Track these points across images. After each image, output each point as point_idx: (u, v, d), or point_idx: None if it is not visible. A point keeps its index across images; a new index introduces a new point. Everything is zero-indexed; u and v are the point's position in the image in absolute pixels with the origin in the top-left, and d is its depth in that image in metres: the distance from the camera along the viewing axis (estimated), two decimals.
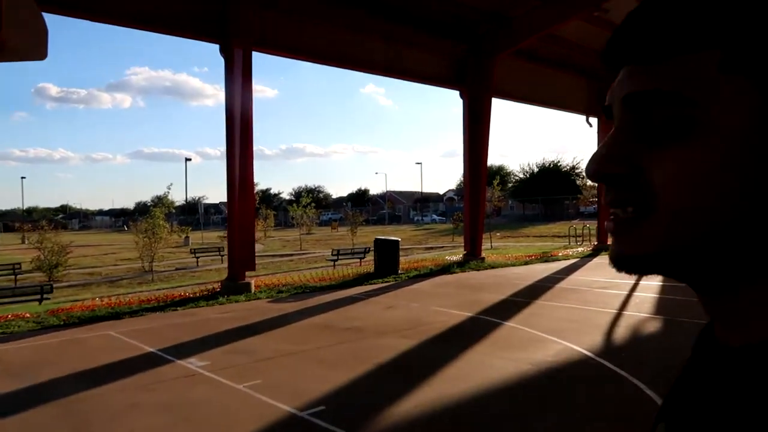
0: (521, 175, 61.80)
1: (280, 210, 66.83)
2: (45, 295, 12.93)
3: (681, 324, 8.35)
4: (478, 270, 15.68)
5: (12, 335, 8.51)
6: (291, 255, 28.95)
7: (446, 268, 15.68)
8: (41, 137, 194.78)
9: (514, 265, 16.85)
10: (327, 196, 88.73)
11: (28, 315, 10.01)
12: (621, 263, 0.50)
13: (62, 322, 9.29)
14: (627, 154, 0.46)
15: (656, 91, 0.44)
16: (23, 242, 44.27)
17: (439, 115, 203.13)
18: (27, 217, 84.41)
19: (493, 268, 16.16)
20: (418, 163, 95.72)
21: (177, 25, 11.72)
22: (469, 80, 16.94)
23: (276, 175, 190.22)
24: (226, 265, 24.08)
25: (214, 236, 44.21)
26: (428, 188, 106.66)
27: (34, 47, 6.81)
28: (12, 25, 6.59)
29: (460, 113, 17.44)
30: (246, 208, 12.05)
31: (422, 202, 78.20)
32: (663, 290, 11.66)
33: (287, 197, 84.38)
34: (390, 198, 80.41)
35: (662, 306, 10.02)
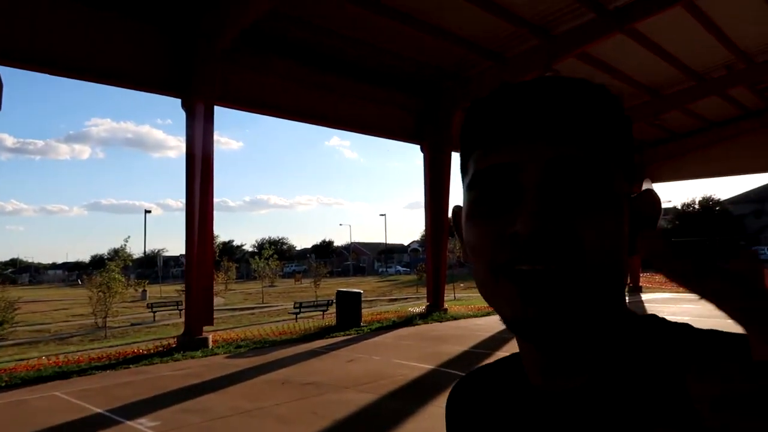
0: None
1: (243, 262, 65.82)
2: None
3: None
4: (441, 321, 15.63)
5: None
6: (252, 308, 28.35)
7: (409, 320, 15.58)
8: None
9: (476, 315, 16.87)
10: (291, 248, 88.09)
11: None
12: (546, 324, 0.52)
13: (4, 383, 8.78)
14: (556, 212, 0.52)
15: (579, 157, 0.53)
16: None
17: (403, 168, 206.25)
18: None
19: (455, 319, 16.13)
20: (382, 215, 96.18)
21: (140, 79, 11.76)
22: (430, 135, 17.37)
23: (240, 226, 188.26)
24: (183, 319, 23.49)
25: (173, 290, 43.09)
26: (393, 239, 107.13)
27: None
28: None
29: (422, 166, 17.78)
30: (205, 259, 11.84)
31: (387, 253, 78.34)
32: None
33: (250, 249, 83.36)
34: (354, 249, 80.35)
35: None
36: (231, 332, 14.16)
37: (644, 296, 23.10)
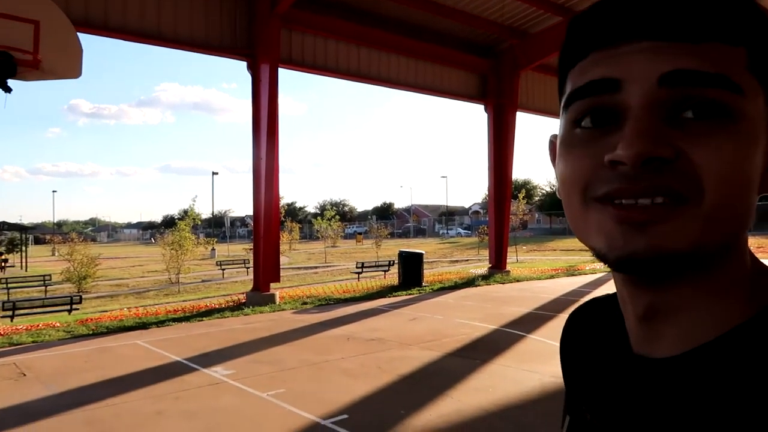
0: (548, 189, 61.33)
1: (306, 223, 67.35)
2: (74, 306, 13.25)
3: None
4: (503, 283, 15.56)
5: (43, 344, 8.72)
6: (316, 267, 29.11)
7: (471, 281, 15.59)
8: (72, 152, 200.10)
9: (539, 278, 16.67)
10: (352, 210, 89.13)
11: (58, 324, 10.24)
12: (654, 259, 0.44)
13: (91, 332, 9.48)
14: (666, 136, 0.43)
15: (704, 73, 0.43)
16: (53, 254, 45.32)
17: (466, 129, 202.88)
18: (57, 230, 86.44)
19: (518, 281, 16.02)
20: (444, 177, 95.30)
21: (208, 44, 12.02)
22: (493, 95, 16.99)
23: (303, 188, 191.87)
24: (251, 276, 24.40)
25: (240, 248, 44.68)
26: (454, 202, 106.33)
27: (70, 66, 7.06)
28: (49, 46, 6.85)
29: (485, 127, 17.47)
30: (271, 221, 12.19)
31: (447, 215, 77.97)
32: None
33: (313, 210, 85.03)
34: (415, 211, 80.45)
35: None
36: (297, 289, 14.62)
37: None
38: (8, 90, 6.04)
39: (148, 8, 11.22)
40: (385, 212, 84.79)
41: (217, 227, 69.52)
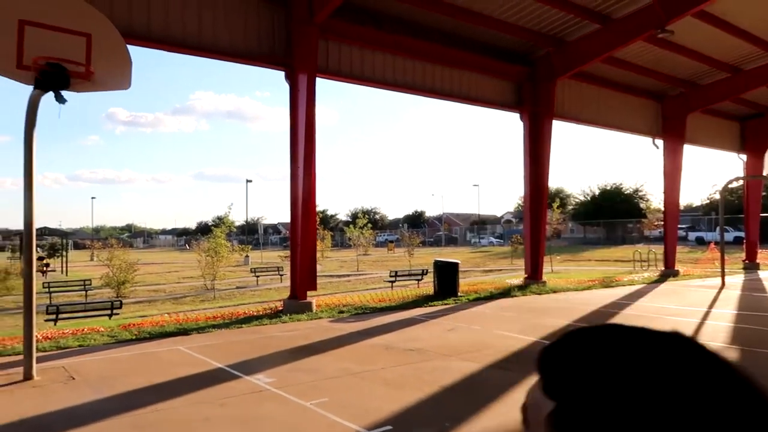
0: (582, 198, 60.48)
1: (337, 231, 67.66)
2: (114, 311, 13.56)
3: (758, 355, 7.90)
4: (540, 294, 15.34)
5: (89, 348, 8.92)
6: (348, 275, 29.20)
7: (507, 292, 15.42)
8: (110, 159, 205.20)
9: (576, 289, 16.39)
10: (383, 218, 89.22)
11: (102, 329, 10.47)
12: None
13: (134, 337, 9.66)
14: None
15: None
16: (92, 259, 46.54)
17: (498, 137, 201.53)
18: (95, 236, 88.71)
19: (554, 292, 15.77)
20: (476, 185, 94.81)
21: (247, 54, 12.23)
22: (529, 103, 16.87)
23: (333, 195, 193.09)
24: (285, 284, 24.63)
25: (273, 255, 45.15)
26: (485, 210, 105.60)
27: (119, 78, 7.23)
28: (100, 59, 7.03)
29: (519, 135, 17.36)
30: (308, 229, 12.28)
31: (479, 224, 77.43)
32: (738, 319, 11.07)
33: (344, 218, 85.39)
34: (446, 220, 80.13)
35: (738, 335, 9.51)
36: (332, 298, 14.67)
37: (762, 273, 21.40)
38: (63, 101, 6.23)
39: (189, 20, 11.48)
40: (416, 220, 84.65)
41: (250, 234, 70.34)
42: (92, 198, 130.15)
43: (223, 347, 8.79)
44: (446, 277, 14.70)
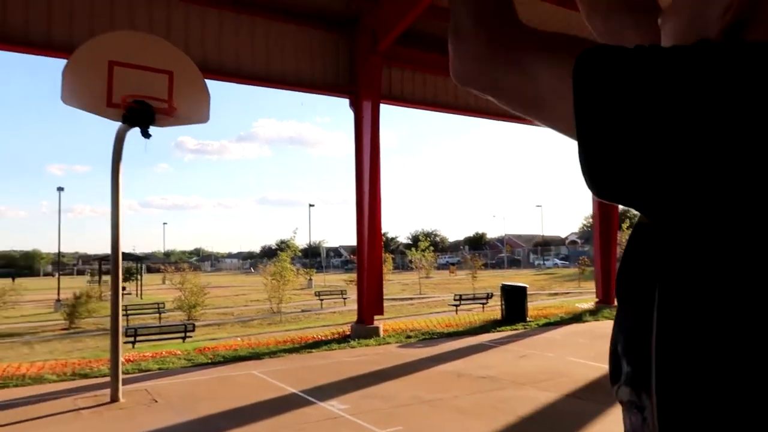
0: None
1: (398, 253, 67.77)
2: (188, 333, 14.00)
3: None
4: (613, 319, 14.73)
5: (168, 371, 9.23)
6: (411, 299, 29.08)
7: (578, 317, 14.91)
8: (179, 186, 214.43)
9: None
10: (443, 240, 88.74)
11: (179, 352, 10.83)
12: None
13: (209, 360, 9.93)
14: None
15: None
16: (164, 282, 48.36)
17: (561, 155, 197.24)
18: (166, 260, 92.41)
19: None
20: (539, 206, 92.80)
21: (313, 84, 12.59)
22: None
23: (393, 218, 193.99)
24: (349, 307, 24.80)
25: (335, 278, 45.60)
26: (549, 231, 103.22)
27: (199, 112, 7.55)
28: (181, 94, 7.37)
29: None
30: (374, 253, 12.35)
31: (543, 245, 75.69)
32: None
33: (404, 240, 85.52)
34: (508, 241, 78.75)
35: None
36: (399, 322, 14.61)
37: None
38: (148, 136, 6.56)
39: (258, 54, 11.94)
40: (477, 242, 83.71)
41: (312, 257, 71.47)
42: (164, 224, 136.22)
43: (295, 372, 8.90)
44: (514, 301, 14.39)
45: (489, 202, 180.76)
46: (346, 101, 13.17)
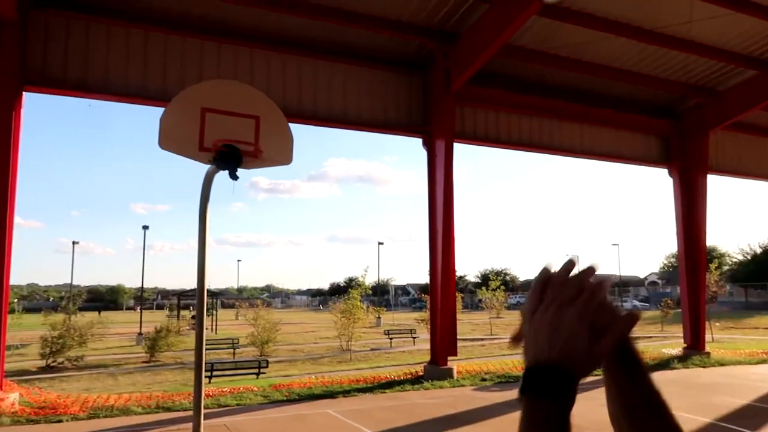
0: (740, 257, 54.59)
1: (466, 292, 66.70)
2: (261, 369, 14.21)
3: None
4: (704, 366, 13.78)
5: (245, 407, 9.38)
6: (482, 339, 28.39)
7: (665, 363, 14.04)
8: (252, 224, 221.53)
9: (748, 362, 14.54)
10: (514, 279, 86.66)
11: (255, 388, 11.00)
12: None
13: (285, 398, 10.02)
14: None
15: None
16: (237, 318, 49.64)
17: (639, 192, 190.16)
18: (239, 295, 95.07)
19: (722, 365, 14.09)
20: (615, 245, 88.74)
21: (387, 124, 12.87)
22: (678, 157, 15.87)
23: (461, 256, 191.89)
24: (418, 347, 24.49)
25: (404, 317, 45.30)
26: (626, 271, 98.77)
27: (283, 154, 7.82)
28: (267, 137, 7.68)
29: (663, 190, 16.25)
30: (448, 293, 12.21)
31: (620, 286, 72.36)
32: None
33: (473, 279, 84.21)
34: None
35: None
36: (472, 364, 14.26)
37: None
38: (236, 178, 6.85)
39: (334, 96, 12.33)
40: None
41: (380, 295, 71.51)
42: (238, 261, 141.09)
43: (370, 413, 8.82)
44: None
45: (561, 240, 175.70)
46: (414, 140, 13.38)
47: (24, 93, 9.68)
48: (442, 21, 11.67)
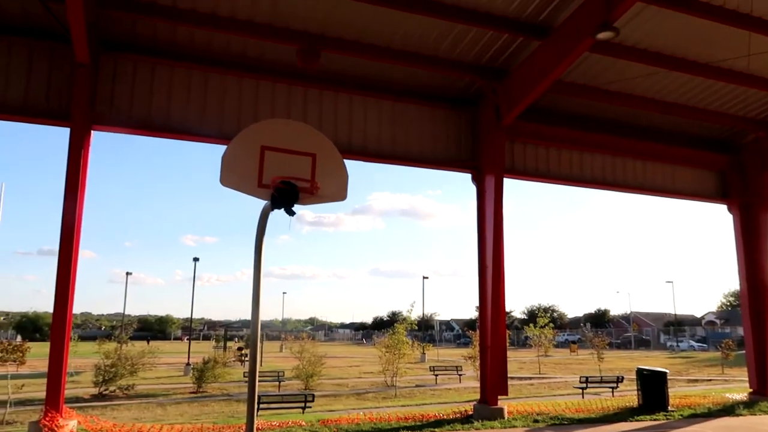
0: None
1: (513, 329, 65.29)
2: (307, 403, 14.16)
3: None
4: None
5: None
6: (530, 378, 27.63)
7: (729, 409, 13.28)
8: (297, 257, 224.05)
9: None
10: (562, 316, 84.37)
11: (303, 423, 10.96)
12: None
13: None
14: None
15: None
16: (281, 351, 49.89)
17: (694, 228, 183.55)
18: (282, 328, 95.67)
19: None
20: (669, 282, 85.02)
21: (436, 160, 12.94)
22: (738, 193, 15.40)
23: (507, 291, 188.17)
24: (464, 384, 24.01)
25: (448, 353, 44.60)
26: (681, 310, 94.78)
27: (338, 191, 7.97)
28: (323, 174, 7.85)
29: (715, 226, 15.72)
30: (498, 331, 11.97)
31: (675, 325, 69.45)
32: None
33: (519, 316, 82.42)
34: (635, 320, 73.12)
35: None
36: (523, 404, 13.85)
37: None
38: (292, 214, 6.99)
39: (383, 132, 12.52)
40: (599, 319, 78.68)
41: (424, 330, 70.73)
42: (283, 293, 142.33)
43: None
44: (653, 387, 13.18)
45: (611, 276, 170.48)
46: (457, 174, 13.42)
47: (92, 131, 10.22)
48: (492, 58, 11.77)
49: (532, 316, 40.31)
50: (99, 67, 10.33)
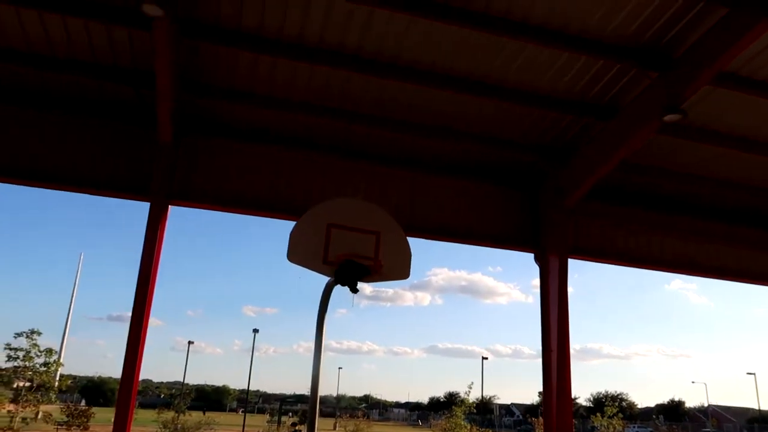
0: None
1: (577, 417, 61.46)
2: None
3: None
4: None
5: None
6: None
7: None
8: (354, 331, 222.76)
9: None
10: (631, 405, 78.87)
11: None
12: None
13: None
14: None
15: None
16: (334, 428, 48.70)
17: None
18: (337, 404, 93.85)
19: None
20: (751, 374, 77.65)
21: (498, 239, 12.87)
22: None
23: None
24: None
25: None
26: (766, 404, 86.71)
27: (401, 269, 8.01)
28: (386, 252, 7.94)
29: None
30: (565, 421, 11.33)
31: (760, 421, 63.43)
32: None
33: (584, 402, 77.65)
34: (713, 413, 67.36)
35: None
36: None
37: None
38: (356, 291, 7.09)
39: (446, 211, 12.60)
40: (673, 411, 72.96)
41: (482, 414, 67.59)
42: (339, 368, 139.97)
43: None
44: None
45: (687, 367, 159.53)
46: (519, 252, 13.25)
47: (170, 207, 10.85)
48: (555, 139, 11.85)
49: (599, 404, 37.91)
50: (179, 146, 11.07)
